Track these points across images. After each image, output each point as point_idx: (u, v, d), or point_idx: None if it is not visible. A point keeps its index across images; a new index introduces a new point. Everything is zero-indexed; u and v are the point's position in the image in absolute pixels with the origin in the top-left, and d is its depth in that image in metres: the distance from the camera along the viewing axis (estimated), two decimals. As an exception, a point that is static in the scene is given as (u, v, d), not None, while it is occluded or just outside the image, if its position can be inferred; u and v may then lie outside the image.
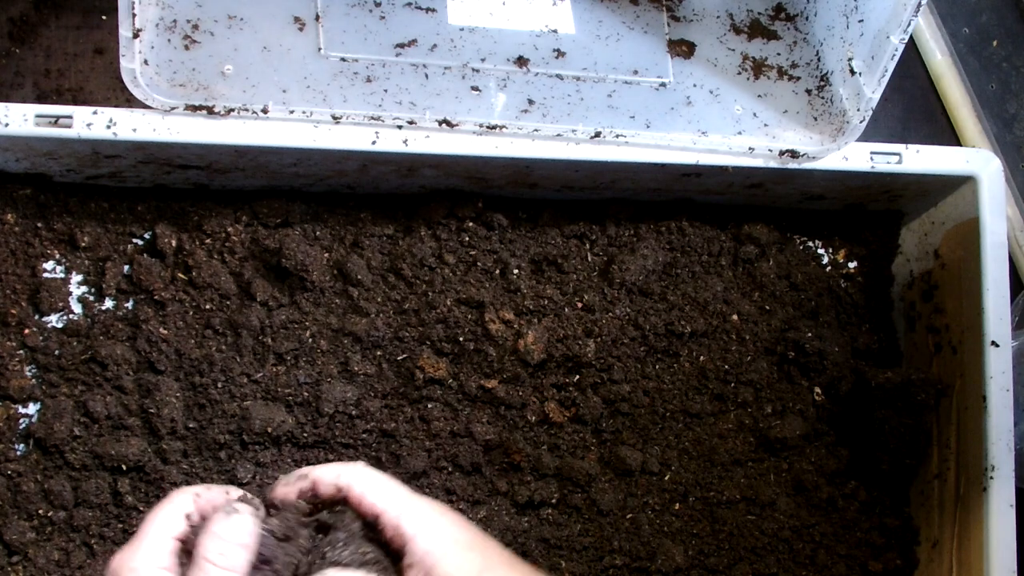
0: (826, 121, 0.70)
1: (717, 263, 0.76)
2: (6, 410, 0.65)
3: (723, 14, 0.74)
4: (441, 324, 0.69)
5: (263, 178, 0.68)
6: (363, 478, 0.52)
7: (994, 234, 0.71)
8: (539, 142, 0.65)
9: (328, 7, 0.67)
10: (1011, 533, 0.68)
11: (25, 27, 0.74)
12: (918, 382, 0.72)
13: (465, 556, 0.51)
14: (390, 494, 0.52)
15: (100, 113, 0.60)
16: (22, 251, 0.67)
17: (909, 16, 0.61)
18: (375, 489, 0.52)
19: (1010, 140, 0.88)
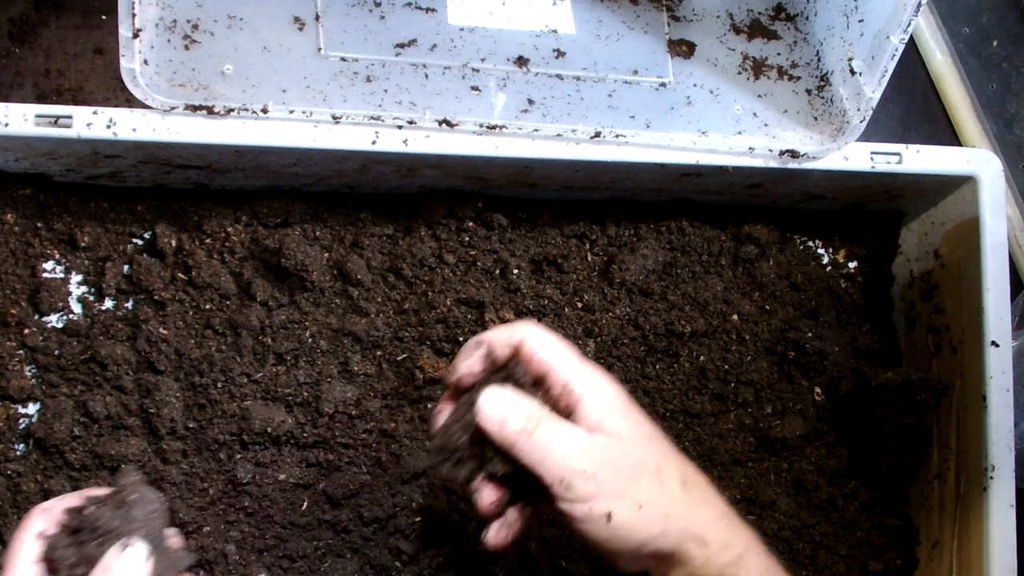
0: (826, 121, 0.70)
1: (717, 263, 0.76)
2: (6, 410, 0.65)
3: (723, 14, 0.74)
4: (441, 324, 0.69)
5: (263, 178, 0.68)
6: (534, 337, 0.53)
7: (994, 234, 0.71)
8: (539, 142, 0.65)
9: (328, 7, 0.66)
10: (1011, 533, 0.68)
11: (25, 27, 0.74)
12: (918, 382, 0.72)
13: (636, 421, 0.52)
14: (560, 354, 0.52)
15: (100, 113, 0.60)
16: (22, 251, 0.67)
17: (909, 16, 0.61)
18: (545, 348, 0.52)
19: (1010, 140, 0.88)
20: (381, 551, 0.67)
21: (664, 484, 0.51)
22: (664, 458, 0.52)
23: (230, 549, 0.65)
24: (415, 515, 0.68)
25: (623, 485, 0.50)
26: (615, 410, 0.51)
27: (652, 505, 0.50)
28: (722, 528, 0.52)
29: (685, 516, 0.51)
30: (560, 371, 0.52)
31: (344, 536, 0.67)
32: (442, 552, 0.68)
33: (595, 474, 0.49)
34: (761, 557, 0.53)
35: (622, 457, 0.50)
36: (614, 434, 0.50)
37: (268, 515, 0.66)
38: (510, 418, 0.50)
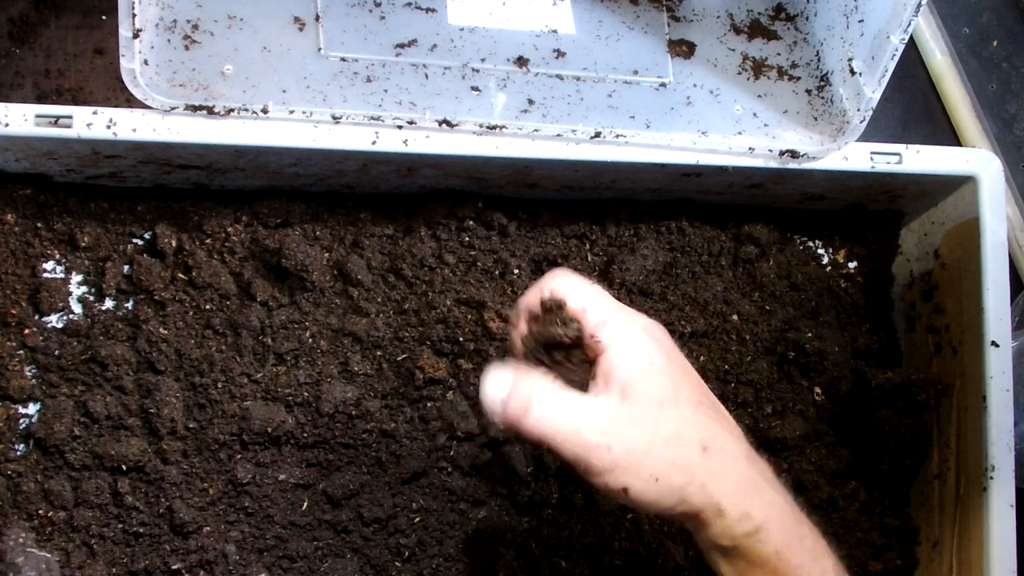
0: (826, 121, 0.70)
1: (717, 263, 0.76)
2: (6, 410, 0.65)
3: (723, 14, 0.74)
4: (441, 324, 0.69)
5: (263, 178, 0.68)
6: (563, 284, 0.51)
7: (994, 234, 0.71)
8: (539, 142, 0.65)
9: (328, 7, 0.66)
10: (1011, 533, 0.68)
11: (25, 27, 0.74)
12: (918, 382, 0.72)
13: (655, 382, 0.49)
14: (589, 301, 0.50)
15: (100, 113, 0.60)
16: (22, 251, 0.67)
17: (909, 16, 0.61)
18: (574, 295, 0.51)
19: (1010, 140, 0.88)
20: (381, 551, 0.67)
21: (680, 451, 0.49)
22: (682, 422, 0.49)
23: (230, 549, 0.65)
24: (415, 515, 0.68)
25: (637, 457, 0.48)
26: (634, 368, 0.49)
27: (668, 476, 0.48)
28: (742, 499, 0.50)
29: (704, 484, 0.49)
30: (589, 320, 0.50)
31: (344, 536, 0.67)
32: (443, 551, 0.68)
33: (608, 446, 0.48)
34: (782, 533, 0.50)
35: (634, 425, 0.48)
36: (628, 397, 0.49)
37: (268, 515, 0.66)
38: (515, 394, 0.49)
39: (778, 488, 0.52)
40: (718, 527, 0.50)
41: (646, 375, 0.49)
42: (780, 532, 0.50)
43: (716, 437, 0.50)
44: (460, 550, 0.68)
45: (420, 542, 0.67)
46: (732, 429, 0.52)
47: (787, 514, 0.51)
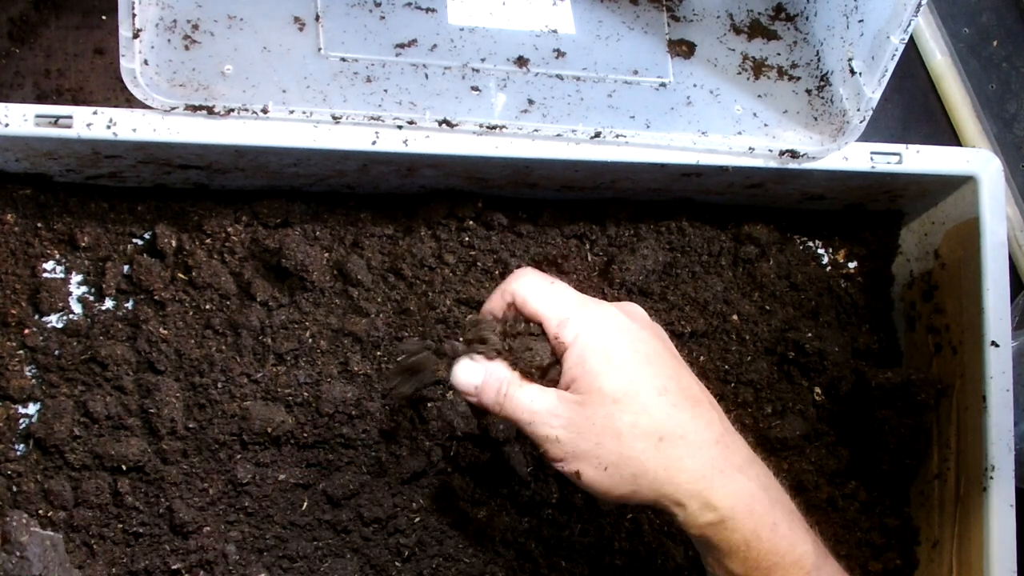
0: (826, 121, 0.70)
1: (717, 263, 0.76)
2: (6, 410, 0.65)
3: (723, 14, 0.74)
4: (441, 324, 0.69)
5: (263, 178, 0.68)
6: (524, 286, 0.53)
7: (994, 234, 0.71)
8: (539, 142, 0.65)
9: (328, 7, 0.66)
10: (1011, 533, 0.68)
11: (25, 27, 0.74)
12: (918, 382, 0.72)
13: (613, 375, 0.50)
14: (549, 302, 0.52)
15: (100, 113, 0.60)
16: (22, 251, 0.67)
17: (909, 16, 0.61)
18: (535, 296, 0.52)
19: (1010, 140, 0.88)
20: (381, 551, 0.67)
21: (633, 443, 0.50)
22: (639, 414, 0.50)
23: (230, 549, 0.65)
24: (415, 515, 0.68)
25: (587, 447, 0.50)
26: (592, 364, 0.50)
27: (618, 466, 0.50)
28: (701, 488, 0.50)
29: (656, 477, 0.50)
30: (551, 321, 0.51)
31: (344, 536, 0.67)
32: (443, 551, 0.68)
33: (557, 437, 0.50)
34: (751, 520, 0.50)
35: (586, 419, 0.50)
36: (584, 390, 0.50)
37: (268, 515, 0.66)
38: (483, 389, 0.52)
39: (751, 470, 0.52)
40: (681, 517, 0.51)
41: (603, 370, 0.50)
42: (749, 520, 0.50)
43: (677, 426, 0.50)
44: (460, 550, 0.68)
45: (420, 542, 0.67)
46: (701, 414, 0.52)
47: (757, 499, 0.51)
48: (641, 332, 0.52)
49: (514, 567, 0.68)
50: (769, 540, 0.51)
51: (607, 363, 0.50)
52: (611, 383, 0.50)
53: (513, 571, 0.68)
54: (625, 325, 0.52)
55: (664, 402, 0.51)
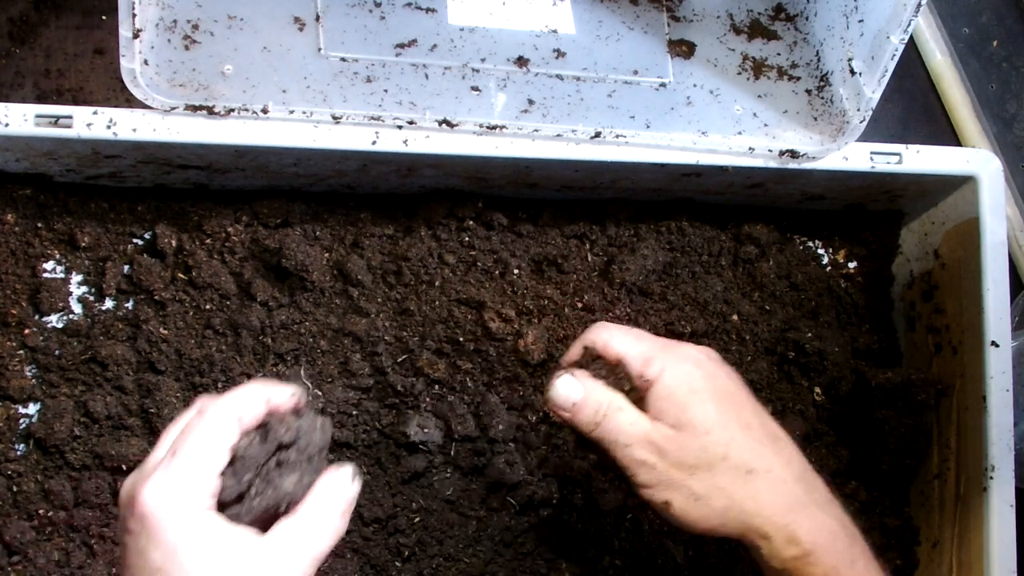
0: (826, 121, 0.70)
1: (717, 263, 0.76)
2: (6, 410, 0.65)
3: (723, 14, 0.74)
4: (441, 324, 0.69)
5: (263, 178, 0.68)
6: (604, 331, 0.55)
7: (994, 234, 0.71)
8: (539, 142, 0.65)
9: (328, 7, 0.66)
10: (1011, 533, 0.68)
11: (25, 27, 0.74)
12: (918, 382, 0.72)
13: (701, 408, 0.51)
14: (630, 344, 0.53)
15: (100, 113, 0.60)
16: (22, 251, 0.67)
17: (909, 16, 0.61)
18: (617, 339, 0.54)
19: (1010, 140, 0.88)
20: (381, 551, 0.67)
21: (724, 476, 0.51)
22: (729, 445, 0.51)
23: (230, 549, 0.64)
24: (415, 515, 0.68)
25: (680, 477, 0.51)
26: (679, 397, 0.51)
27: (709, 498, 0.51)
28: (787, 523, 0.51)
29: (744, 509, 0.51)
30: (635, 360, 0.53)
31: (344, 536, 0.66)
32: (443, 551, 0.68)
33: (654, 465, 0.51)
34: (832, 556, 0.51)
35: (680, 448, 0.51)
36: (676, 423, 0.51)
37: (268, 515, 0.66)
38: (582, 407, 0.53)
39: (831, 508, 0.53)
40: (765, 549, 0.51)
41: (692, 403, 0.51)
42: (830, 555, 0.51)
43: (763, 459, 0.52)
44: (460, 550, 0.68)
45: (420, 542, 0.67)
46: (782, 450, 0.53)
47: (838, 537, 0.52)
48: (719, 370, 0.54)
49: (514, 567, 0.68)
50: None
51: (693, 395, 0.52)
52: (701, 415, 0.51)
53: (513, 571, 0.68)
54: (703, 362, 0.54)
55: (749, 437, 0.52)
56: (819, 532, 0.51)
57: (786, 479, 0.52)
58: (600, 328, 0.55)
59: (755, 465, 0.51)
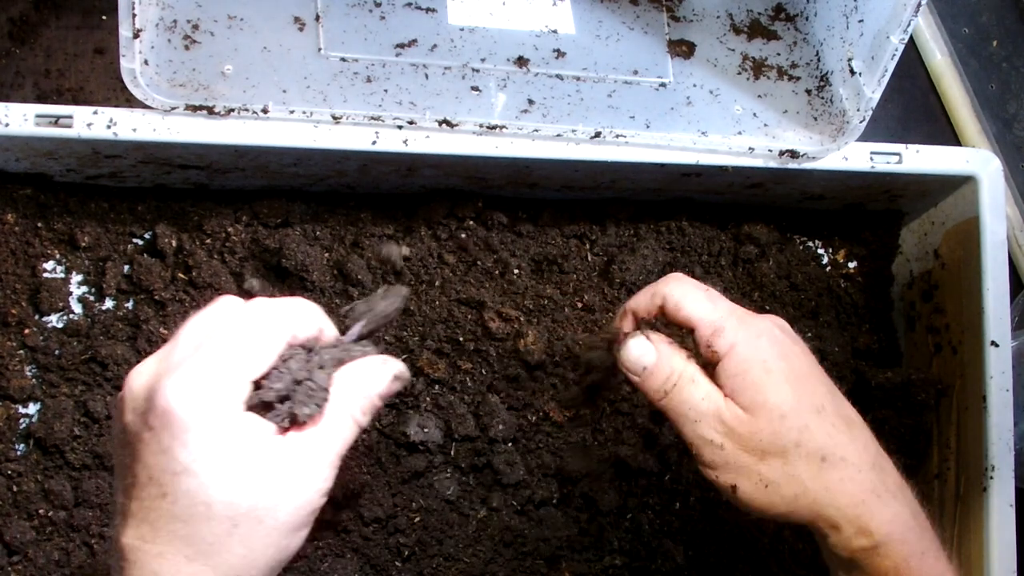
0: (826, 121, 0.70)
1: (717, 263, 0.76)
2: (6, 410, 0.65)
3: (723, 14, 0.74)
4: (441, 324, 0.69)
5: (263, 178, 0.68)
6: (677, 291, 0.51)
7: (994, 234, 0.71)
8: (539, 142, 0.65)
9: (328, 7, 0.66)
10: (1011, 533, 0.68)
11: (25, 27, 0.74)
12: (918, 382, 0.72)
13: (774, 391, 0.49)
14: (703, 308, 0.51)
15: (100, 113, 0.60)
16: (22, 251, 0.67)
17: (909, 16, 0.61)
18: (690, 302, 0.51)
19: (1010, 140, 0.88)
20: (381, 551, 0.67)
21: (796, 463, 0.48)
22: (803, 432, 0.48)
23: (230, 549, 0.64)
24: (415, 515, 0.68)
25: (750, 461, 0.48)
26: (753, 377, 0.49)
27: (779, 485, 0.48)
28: (860, 513, 0.48)
29: (816, 499, 0.48)
30: (704, 328, 0.50)
31: (344, 536, 0.67)
32: (443, 551, 0.68)
33: (722, 445, 0.49)
34: (903, 547, 0.49)
35: (751, 432, 0.48)
36: (748, 405, 0.49)
37: (268, 515, 0.66)
38: (653, 372, 0.50)
39: (903, 496, 0.51)
40: (834, 539, 0.49)
41: (765, 383, 0.49)
42: (901, 547, 0.49)
43: (837, 447, 0.49)
44: (460, 550, 0.68)
45: (420, 542, 0.67)
46: (857, 435, 0.51)
47: (909, 527, 0.50)
48: (794, 347, 0.51)
49: (514, 567, 0.68)
50: (917, 569, 0.49)
51: (767, 376, 0.49)
52: (775, 397, 0.49)
53: (513, 571, 0.68)
54: (779, 338, 0.51)
55: (823, 421, 0.49)
56: (892, 523, 0.49)
57: (860, 467, 0.49)
58: (674, 283, 0.52)
59: (829, 452, 0.49)
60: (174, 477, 0.41)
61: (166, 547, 0.42)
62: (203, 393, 0.42)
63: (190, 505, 0.41)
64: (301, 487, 0.44)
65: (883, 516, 0.49)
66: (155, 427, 0.42)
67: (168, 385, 0.42)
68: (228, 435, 0.42)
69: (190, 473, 0.41)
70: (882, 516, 0.49)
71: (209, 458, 0.41)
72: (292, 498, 0.43)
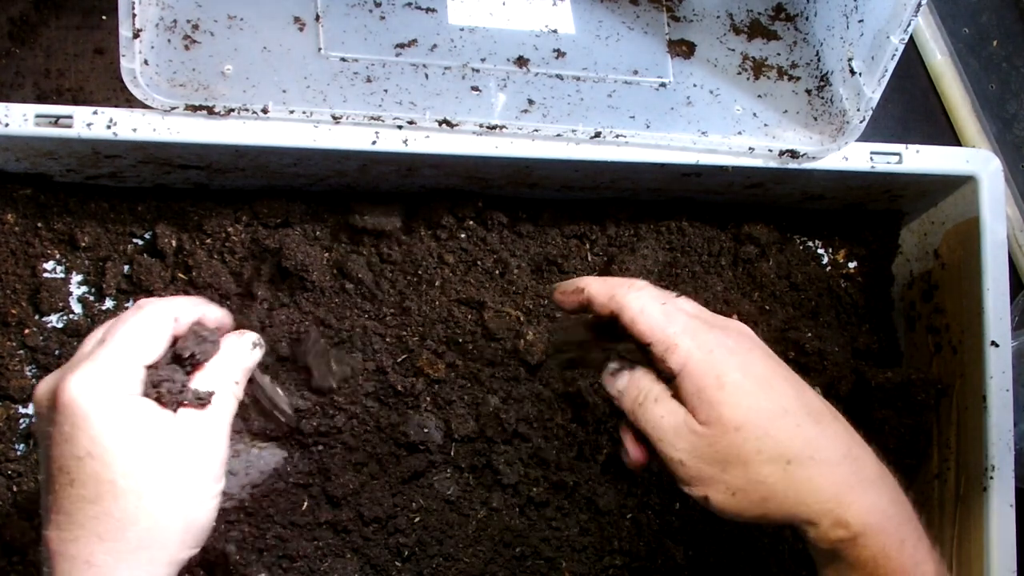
0: (826, 121, 0.70)
1: (717, 263, 0.76)
2: (6, 410, 0.65)
3: (723, 14, 0.74)
4: (441, 324, 0.69)
5: (263, 178, 0.68)
6: (632, 306, 0.52)
7: (994, 234, 0.71)
8: (539, 142, 0.65)
9: (328, 7, 0.66)
10: (1011, 533, 0.68)
11: (25, 27, 0.74)
12: (918, 382, 0.72)
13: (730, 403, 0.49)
14: (657, 326, 0.51)
15: (100, 113, 0.60)
16: (22, 251, 0.67)
17: (909, 16, 0.61)
18: (644, 319, 0.51)
19: (1010, 140, 0.88)
20: (381, 551, 0.67)
21: (760, 469, 0.49)
22: (762, 439, 0.49)
23: (230, 549, 0.64)
24: (415, 515, 0.68)
25: (714, 472, 0.49)
26: (707, 394, 0.50)
27: (746, 492, 0.49)
28: (833, 508, 0.49)
29: (785, 499, 0.49)
30: (657, 347, 0.51)
31: (344, 536, 0.67)
32: (443, 551, 0.68)
33: (682, 461, 0.50)
34: (882, 537, 0.49)
35: (710, 445, 0.49)
36: (705, 420, 0.49)
37: (268, 515, 0.66)
38: (625, 394, 0.53)
39: (882, 484, 0.51)
40: (812, 533, 0.50)
41: (719, 399, 0.50)
42: (879, 536, 0.49)
43: (804, 446, 0.50)
44: (460, 550, 0.68)
45: (420, 542, 0.67)
46: (826, 429, 0.51)
47: (888, 516, 0.50)
48: (751, 354, 0.52)
49: (514, 567, 0.68)
50: (896, 559, 0.50)
51: (721, 391, 0.50)
52: (729, 411, 0.49)
53: (513, 571, 0.68)
54: (733, 348, 0.51)
55: (787, 423, 0.50)
56: (869, 513, 0.49)
57: (830, 461, 0.50)
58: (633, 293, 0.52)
59: (795, 454, 0.49)
60: (79, 462, 0.45)
61: (80, 531, 0.45)
62: (99, 382, 0.46)
63: (96, 486, 0.45)
64: (198, 458, 0.48)
65: (860, 507, 0.49)
66: (59, 421, 0.46)
67: (69, 380, 0.46)
68: (125, 416, 0.46)
69: (92, 456, 0.45)
70: (859, 507, 0.49)
71: (109, 439, 0.45)
72: (191, 469, 0.48)
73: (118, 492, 0.45)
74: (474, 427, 0.69)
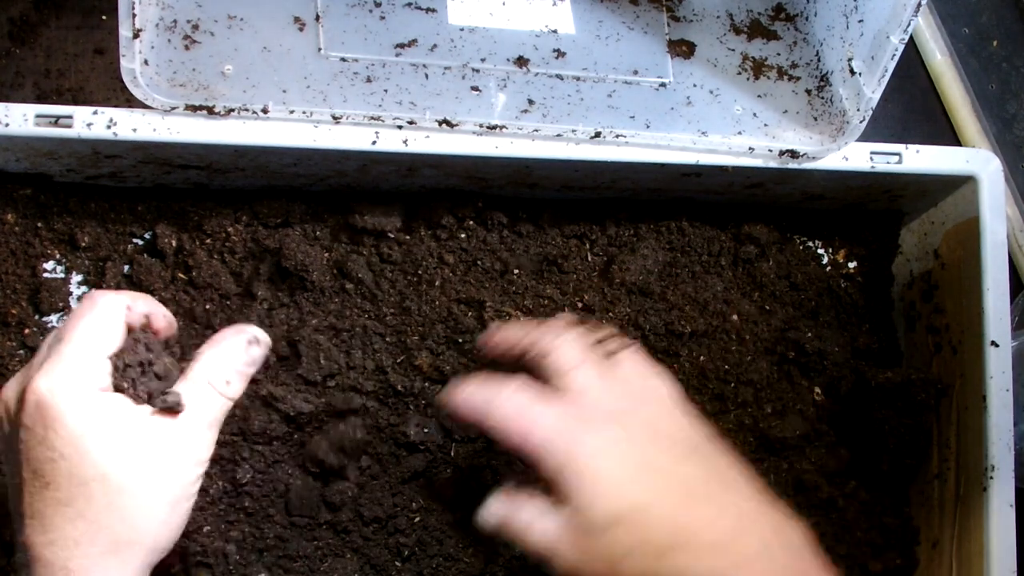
0: (826, 121, 0.70)
1: (717, 263, 0.76)
2: (6, 410, 0.65)
3: (723, 14, 0.74)
4: (441, 324, 0.69)
5: (263, 178, 0.68)
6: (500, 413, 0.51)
7: (994, 234, 0.71)
8: (539, 142, 0.65)
9: (328, 7, 0.67)
10: (1011, 533, 0.68)
11: (25, 27, 0.74)
12: (918, 382, 0.72)
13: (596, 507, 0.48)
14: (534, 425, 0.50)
15: (100, 113, 0.60)
16: (22, 251, 0.67)
17: (909, 16, 0.61)
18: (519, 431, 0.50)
19: (1010, 140, 0.88)
20: (381, 551, 0.67)
21: (632, 566, 0.47)
22: (634, 535, 0.48)
23: (230, 549, 0.65)
24: (415, 515, 0.68)
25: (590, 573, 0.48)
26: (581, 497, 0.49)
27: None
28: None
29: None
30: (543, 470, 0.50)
31: (344, 536, 0.67)
32: (443, 551, 0.68)
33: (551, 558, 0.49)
34: None
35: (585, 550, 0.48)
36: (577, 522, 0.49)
37: (268, 515, 0.66)
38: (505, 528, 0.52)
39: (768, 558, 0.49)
40: None
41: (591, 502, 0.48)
42: None
43: (680, 532, 0.48)
44: (460, 550, 0.68)
45: (420, 542, 0.67)
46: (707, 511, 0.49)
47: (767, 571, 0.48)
48: (632, 428, 0.51)
49: (514, 567, 0.68)
50: None
51: (595, 488, 0.48)
52: (601, 512, 0.48)
53: (513, 571, 0.68)
54: (615, 438, 0.50)
55: (662, 512, 0.48)
56: None
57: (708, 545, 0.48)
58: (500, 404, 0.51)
59: (669, 544, 0.48)
60: (53, 464, 0.44)
61: (56, 534, 0.44)
62: (68, 378, 0.46)
63: (69, 487, 0.44)
64: (173, 458, 0.48)
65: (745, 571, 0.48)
66: (29, 424, 0.45)
67: (37, 380, 0.45)
68: (94, 414, 0.45)
69: (64, 457, 0.44)
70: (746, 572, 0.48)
71: (80, 439, 0.44)
72: (165, 469, 0.47)
73: (91, 493, 0.45)
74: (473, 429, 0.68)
